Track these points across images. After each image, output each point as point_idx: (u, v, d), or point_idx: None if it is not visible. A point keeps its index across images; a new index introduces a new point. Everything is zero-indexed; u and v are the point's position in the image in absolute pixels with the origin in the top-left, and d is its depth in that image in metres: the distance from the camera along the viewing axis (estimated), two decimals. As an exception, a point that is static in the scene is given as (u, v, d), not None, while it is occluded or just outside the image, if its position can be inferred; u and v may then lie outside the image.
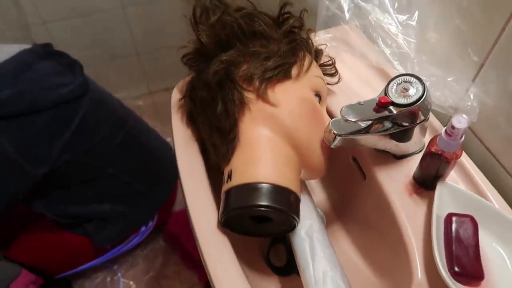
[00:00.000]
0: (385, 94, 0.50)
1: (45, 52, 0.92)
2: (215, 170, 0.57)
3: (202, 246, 0.50)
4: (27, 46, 0.90)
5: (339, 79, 0.63)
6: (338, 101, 0.63)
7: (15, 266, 1.01)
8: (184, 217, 1.33)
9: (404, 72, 0.55)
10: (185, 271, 1.27)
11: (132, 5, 1.42)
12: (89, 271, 1.26)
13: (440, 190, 0.51)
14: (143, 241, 1.29)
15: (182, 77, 0.67)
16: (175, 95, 0.65)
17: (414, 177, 0.55)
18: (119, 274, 1.27)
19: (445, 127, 0.47)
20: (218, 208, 0.52)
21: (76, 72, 0.93)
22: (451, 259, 0.46)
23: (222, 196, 0.51)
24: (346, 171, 0.64)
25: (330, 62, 0.62)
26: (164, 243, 1.33)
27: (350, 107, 0.49)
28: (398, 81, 0.50)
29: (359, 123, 0.49)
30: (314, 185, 0.73)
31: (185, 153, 0.58)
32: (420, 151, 0.58)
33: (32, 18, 1.32)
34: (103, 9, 1.39)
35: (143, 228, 1.18)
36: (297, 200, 0.50)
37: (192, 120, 0.60)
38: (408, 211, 0.52)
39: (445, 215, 0.50)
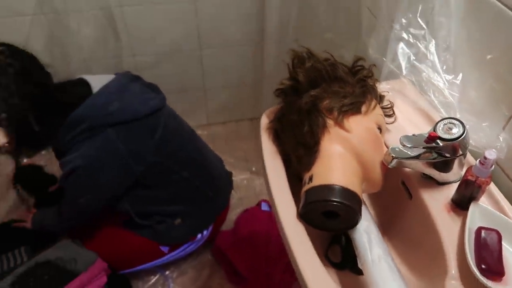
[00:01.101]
0: (434, 130, 0.66)
1: (132, 76, 1.17)
2: (293, 178, 0.74)
3: (286, 232, 0.65)
4: (112, 76, 1.14)
5: (395, 120, 0.80)
6: (393, 137, 0.80)
7: (93, 253, 1.18)
8: (231, 236, 1.48)
9: (449, 117, 0.72)
10: (228, 285, 1.40)
11: (208, 48, 1.66)
12: (144, 273, 1.41)
13: (472, 209, 0.66)
14: (193, 253, 1.44)
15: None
16: (264, 120, 0.83)
17: (452, 199, 0.70)
18: (170, 280, 1.41)
19: (479, 159, 0.62)
20: (296, 205, 0.68)
21: (155, 89, 1.18)
22: (479, 259, 0.60)
23: (303, 194, 0.67)
24: (395, 192, 0.79)
25: (389, 105, 0.79)
26: (211, 257, 1.47)
27: (407, 136, 0.65)
28: (444, 122, 0.67)
29: (411, 150, 0.66)
30: (366, 202, 0.88)
31: (272, 162, 0.75)
32: (458, 181, 0.73)
33: (125, 50, 1.58)
34: (183, 50, 1.65)
35: (199, 236, 1.34)
36: (360, 202, 0.66)
37: (277, 138, 0.78)
38: (446, 225, 0.67)
39: (476, 228, 0.64)
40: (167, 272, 1.43)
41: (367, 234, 0.66)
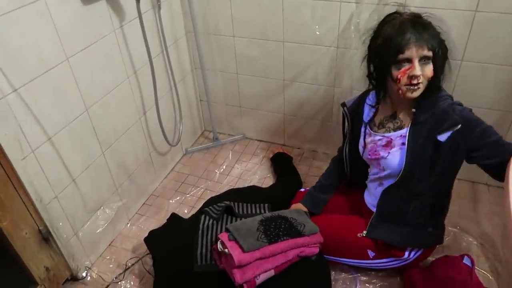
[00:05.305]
0: None
1: None
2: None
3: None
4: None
5: None
6: None
7: (317, 226, 1.49)
8: (425, 272, 1.57)
9: None
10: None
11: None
12: (339, 267, 1.64)
13: None
14: (387, 270, 1.60)
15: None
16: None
17: None
18: (358, 280, 1.61)
19: None
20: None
21: None
22: None
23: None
24: None
25: None
26: (400, 281, 1.60)
27: None
28: None
29: None
30: None
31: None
32: None
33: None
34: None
35: (406, 255, 1.47)
36: None
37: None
38: None
39: None
40: (358, 275, 1.63)
41: None
